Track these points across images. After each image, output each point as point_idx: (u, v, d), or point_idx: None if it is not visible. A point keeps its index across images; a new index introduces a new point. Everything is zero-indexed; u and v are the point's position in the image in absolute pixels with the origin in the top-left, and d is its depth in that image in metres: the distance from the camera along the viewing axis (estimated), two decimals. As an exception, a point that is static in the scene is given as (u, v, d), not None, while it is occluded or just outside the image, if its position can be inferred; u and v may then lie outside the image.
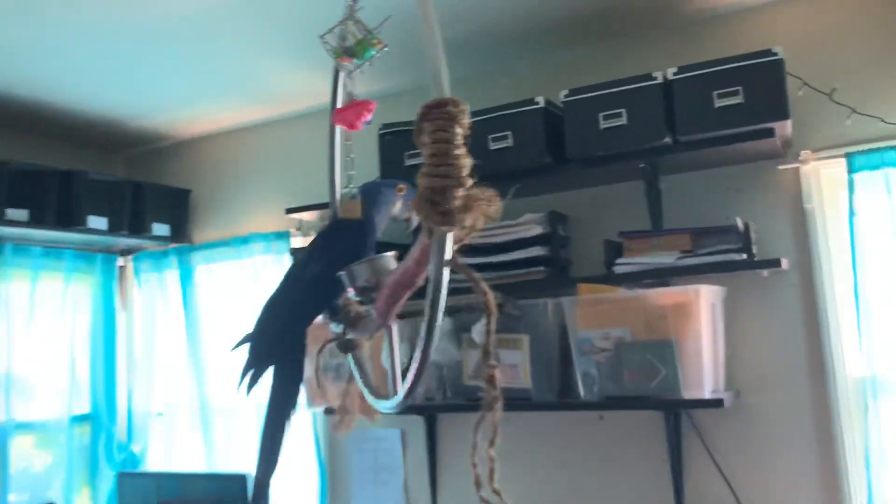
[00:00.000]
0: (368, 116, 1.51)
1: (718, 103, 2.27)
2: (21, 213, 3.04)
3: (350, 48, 1.55)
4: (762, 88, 2.23)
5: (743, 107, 2.24)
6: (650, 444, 2.63)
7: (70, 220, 3.22)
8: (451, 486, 2.98)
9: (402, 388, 1.11)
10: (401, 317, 2.84)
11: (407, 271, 1.14)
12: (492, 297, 0.95)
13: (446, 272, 0.93)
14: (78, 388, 3.57)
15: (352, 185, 1.54)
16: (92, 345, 3.66)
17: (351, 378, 1.45)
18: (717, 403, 2.28)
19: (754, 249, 2.33)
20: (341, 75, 1.52)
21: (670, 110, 2.35)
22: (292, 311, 1.39)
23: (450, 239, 0.92)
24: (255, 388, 1.39)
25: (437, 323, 0.95)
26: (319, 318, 1.43)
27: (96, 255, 3.70)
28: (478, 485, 0.93)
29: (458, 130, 0.93)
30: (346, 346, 1.43)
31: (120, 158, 4.04)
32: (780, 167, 2.49)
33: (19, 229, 3.09)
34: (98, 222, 3.32)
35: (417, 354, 1.01)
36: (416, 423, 3.02)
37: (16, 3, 2.31)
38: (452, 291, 2.70)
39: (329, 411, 2.86)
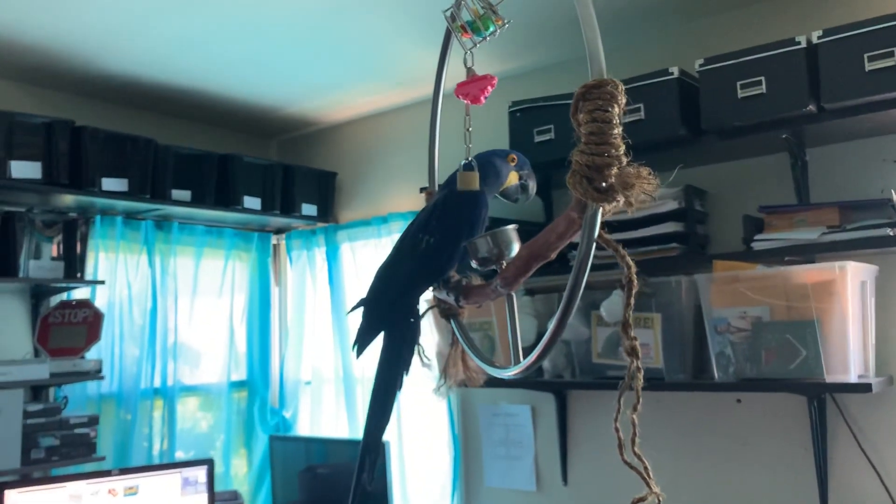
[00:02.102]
0: (490, 90, 1.53)
1: (870, 66, 2.11)
2: (184, 194, 3.32)
3: (470, 23, 1.57)
4: (920, 48, 2.04)
5: (898, 69, 2.07)
6: (792, 430, 2.50)
7: (227, 200, 3.48)
8: (581, 462, 2.97)
9: (532, 355, 1.14)
10: (530, 292, 2.87)
11: (546, 243, 1.17)
12: (634, 271, 1.00)
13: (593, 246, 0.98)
14: (236, 356, 3.86)
15: (469, 158, 1.57)
16: (248, 317, 3.93)
17: (454, 343, 1.49)
18: (864, 388, 2.13)
19: (910, 224, 2.15)
20: (449, 48, 1.55)
21: (815, 77, 2.21)
22: (407, 279, 1.42)
23: (600, 215, 0.97)
24: (365, 352, 1.44)
25: (579, 294, 0.99)
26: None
27: (253, 233, 3.97)
28: (621, 448, 0.99)
29: (616, 110, 0.97)
30: (448, 313, 1.46)
31: (274, 143, 4.31)
32: (944, 135, 2.28)
33: (183, 208, 3.37)
34: (252, 202, 3.56)
35: (553, 323, 1.04)
36: (547, 400, 3.04)
37: (175, 1, 2.52)
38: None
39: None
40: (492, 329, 2.87)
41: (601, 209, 0.97)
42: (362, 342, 1.43)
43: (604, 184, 0.96)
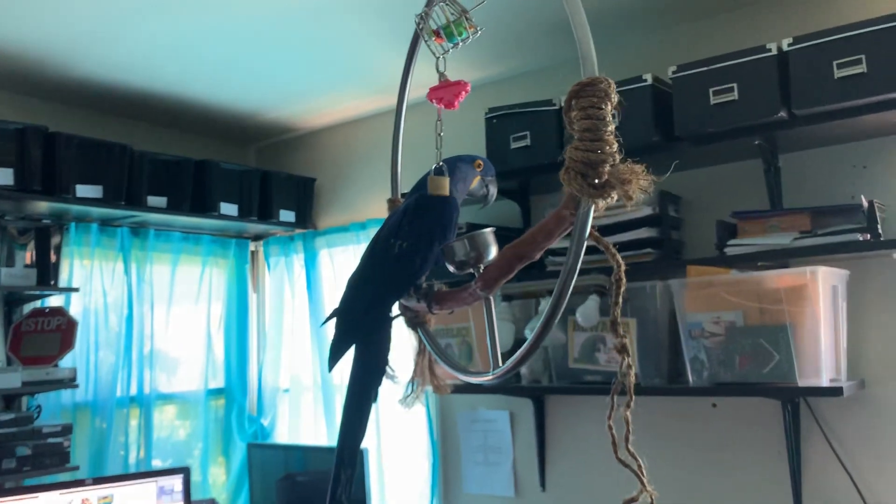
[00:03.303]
0: (464, 96, 1.53)
1: (839, 74, 2.13)
2: (160, 200, 3.29)
3: (443, 27, 1.57)
4: (888, 56, 2.07)
5: (866, 77, 2.09)
6: (767, 433, 2.52)
7: (204, 206, 3.46)
8: (559, 467, 2.98)
9: (513, 359, 1.14)
10: (508, 298, 2.87)
11: (534, 242, 1.17)
12: (623, 269, 1.04)
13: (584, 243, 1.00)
14: (214, 363, 3.83)
15: (440, 163, 1.56)
16: (226, 324, 3.90)
17: (420, 352, 1.48)
18: (835, 392, 2.15)
19: (880, 229, 2.17)
20: (416, 53, 1.56)
21: (785, 83, 2.23)
22: (379, 287, 1.40)
23: (592, 211, 0.99)
24: (337, 363, 1.42)
25: (568, 293, 1.01)
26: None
27: (230, 240, 3.94)
28: (615, 446, 1.02)
29: (609, 108, 1.00)
30: (414, 321, 1.46)
31: (252, 149, 4.30)
32: (913, 141, 2.31)
33: (160, 215, 3.34)
34: (229, 209, 3.54)
35: (539, 324, 1.05)
36: (525, 406, 3.04)
37: (152, 5, 2.51)
38: (557, 273, 2.69)
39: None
40: (469, 335, 2.88)
41: (594, 206, 0.98)
42: (335, 354, 1.40)
43: (597, 180, 0.98)
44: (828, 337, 2.21)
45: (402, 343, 1.58)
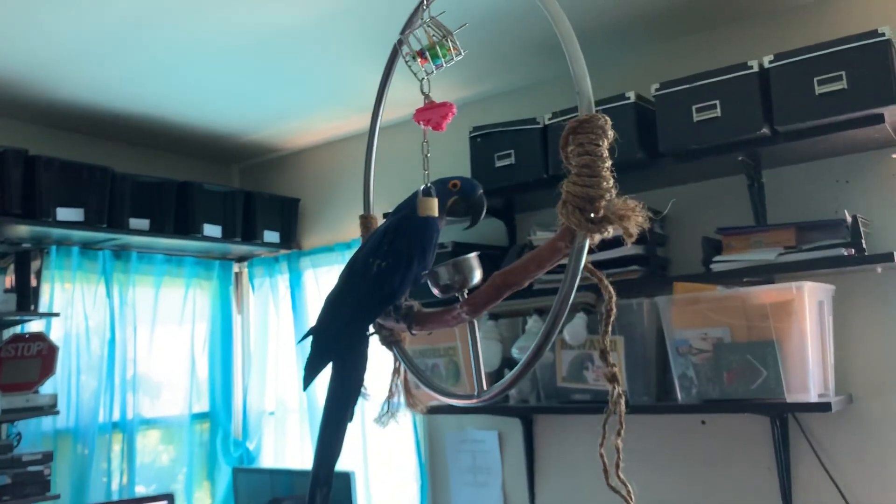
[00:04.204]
0: (451, 117, 1.52)
1: (820, 90, 2.15)
2: (142, 223, 3.26)
3: (428, 48, 1.57)
4: (868, 72, 2.09)
5: (847, 92, 2.11)
6: (756, 450, 2.51)
7: (187, 228, 3.43)
8: (548, 487, 2.95)
9: (502, 383, 1.16)
10: (494, 317, 2.85)
11: (525, 272, 1.18)
12: (615, 301, 1.06)
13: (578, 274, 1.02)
14: (198, 387, 3.78)
15: (428, 184, 1.55)
16: (210, 347, 3.86)
17: (395, 371, 1.47)
18: (823, 408, 2.15)
19: (864, 244, 2.18)
20: (391, 74, 1.56)
21: (767, 100, 2.25)
22: (357, 307, 1.39)
23: (587, 244, 1.02)
24: (312, 383, 1.40)
25: (563, 319, 1.04)
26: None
27: (214, 261, 3.91)
28: (606, 474, 1.04)
29: (605, 144, 1.03)
30: (390, 340, 1.44)
31: (236, 170, 4.27)
32: (894, 156, 2.32)
33: (142, 238, 3.31)
34: (213, 230, 3.51)
35: (532, 348, 1.07)
36: (514, 425, 3.02)
37: (132, 27, 2.49)
38: (542, 293, 2.67)
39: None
40: (457, 354, 2.86)
41: (589, 239, 1.01)
42: (311, 372, 1.39)
43: (594, 214, 1.01)
44: (815, 352, 2.21)
45: (379, 362, 1.56)
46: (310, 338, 1.44)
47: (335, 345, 1.40)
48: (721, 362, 2.30)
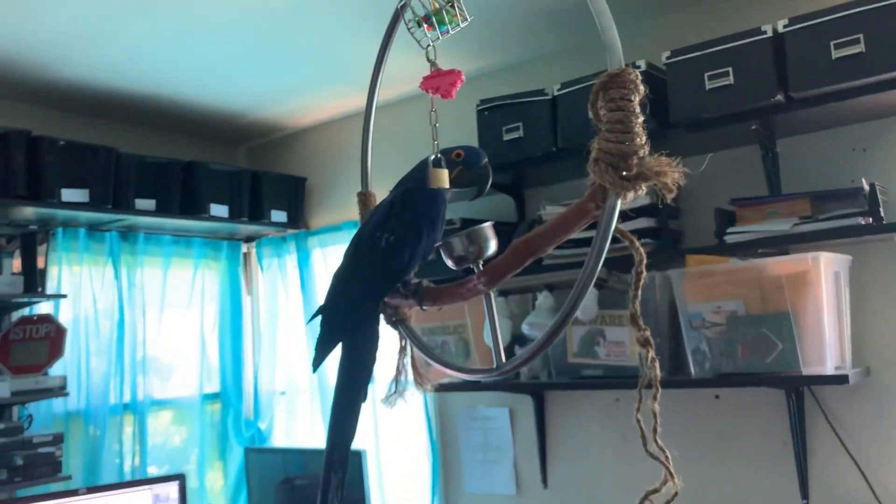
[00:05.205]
0: (460, 85, 1.48)
1: (836, 54, 2.08)
2: (148, 203, 3.23)
3: (434, 14, 1.53)
4: (887, 34, 2.02)
5: (864, 56, 2.04)
6: (771, 424, 2.47)
7: (193, 208, 3.40)
8: (560, 464, 2.93)
9: (528, 349, 1.13)
10: (504, 293, 2.82)
11: (552, 236, 1.14)
12: (644, 263, 1.04)
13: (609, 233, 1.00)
14: (208, 368, 3.77)
15: (438, 154, 1.51)
16: (220, 328, 3.85)
17: (402, 350, 1.44)
18: (840, 380, 2.10)
19: (882, 213, 2.13)
20: (391, 39, 1.52)
21: (782, 66, 2.18)
22: (366, 283, 1.35)
23: (619, 204, 0.98)
24: (322, 362, 1.37)
25: (593, 280, 1.01)
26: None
27: (222, 242, 3.89)
28: (644, 439, 1.04)
29: (637, 99, 1.00)
30: (394, 319, 1.41)
31: (242, 150, 4.24)
32: (914, 122, 2.27)
33: (149, 218, 3.29)
34: (219, 210, 3.49)
35: (566, 306, 1.04)
36: (525, 402, 2.99)
37: (133, 6, 2.45)
38: (553, 268, 2.63)
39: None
40: (466, 332, 2.83)
41: (622, 199, 0.98)
42: (320, 353, 1.35)
43: (630, 171, 0.97)
44: (831, 324, 2.16)
45: (386, 341, 1.53)
46: (319, 317, 1.40)
47: (345, 323, 1.36)
48: (735, 335, 2.26)
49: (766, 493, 2.48)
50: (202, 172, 3.42)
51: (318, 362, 1.36)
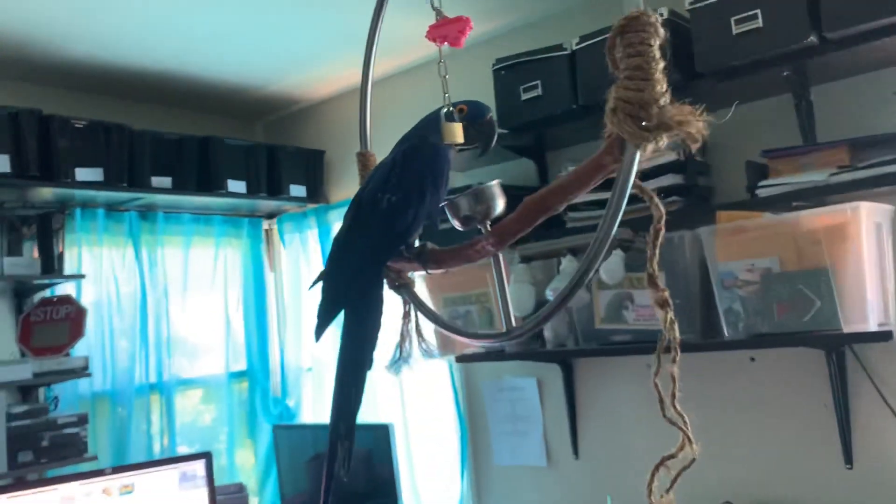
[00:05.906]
0: (469, 31, 1.40)
1: (873, -12, 1.94)
2: (165, 181, 3.20)
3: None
4: (928, -36, 1.88)
5: (904, -11, 1.90)
6: (811, 386, 2.36)
7: (210, 184, 3.36)
8: (591, 433, 2.85)
9: (541, 313, 1.08)
10: (527, 259, 2.73)
11: (563, 190, 1.09)
12: (665, 219, 0.97)
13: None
14: (234, 346, 3.75)
15: (449, 107, 1.42)
16: (244, 306, 3.82)
17: (406, 317, 1.36)
18: (884, 337, 1.99)
19: (926, 158, 1.99)
20: None
21: (814, 5, 2.04)
22: (368, 246, 1.28)
23: (638, 157, 0.92)
24: (325, 331, 1.30)
25: (610, 238, 0.96)
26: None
27: (243, 219, 3.85)
28: (662, 405, 0.98)
29: (657, 44, 0.92)
30: (397, 284, 1.33)
31: (260, 125, 4.18)
32: (959, 60, 2.11)
33: (167, 196, 3.25)
34: (237, 186, 3.44)
35: (575, 275, 0.99)
36: (553, 371, 2.90)
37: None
38: (576, 230, 2.53)
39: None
40: (489, 300, 2.74)
41: (641, 151, 0.91)
42: (323, 321, 1.28)
43: (651, 121, 0.90)
44: (873, 278, 2.04)
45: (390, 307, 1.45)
46: (320, 283, 1.33)
47: (348, 290, 1.30)
48: (770, 294, 2.14)
49: (807, 460, 2.37)
50: (218, 148, 3.38)
51: (320, 331, 1.30)
